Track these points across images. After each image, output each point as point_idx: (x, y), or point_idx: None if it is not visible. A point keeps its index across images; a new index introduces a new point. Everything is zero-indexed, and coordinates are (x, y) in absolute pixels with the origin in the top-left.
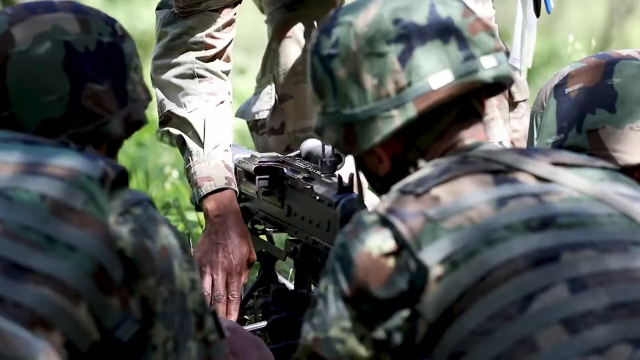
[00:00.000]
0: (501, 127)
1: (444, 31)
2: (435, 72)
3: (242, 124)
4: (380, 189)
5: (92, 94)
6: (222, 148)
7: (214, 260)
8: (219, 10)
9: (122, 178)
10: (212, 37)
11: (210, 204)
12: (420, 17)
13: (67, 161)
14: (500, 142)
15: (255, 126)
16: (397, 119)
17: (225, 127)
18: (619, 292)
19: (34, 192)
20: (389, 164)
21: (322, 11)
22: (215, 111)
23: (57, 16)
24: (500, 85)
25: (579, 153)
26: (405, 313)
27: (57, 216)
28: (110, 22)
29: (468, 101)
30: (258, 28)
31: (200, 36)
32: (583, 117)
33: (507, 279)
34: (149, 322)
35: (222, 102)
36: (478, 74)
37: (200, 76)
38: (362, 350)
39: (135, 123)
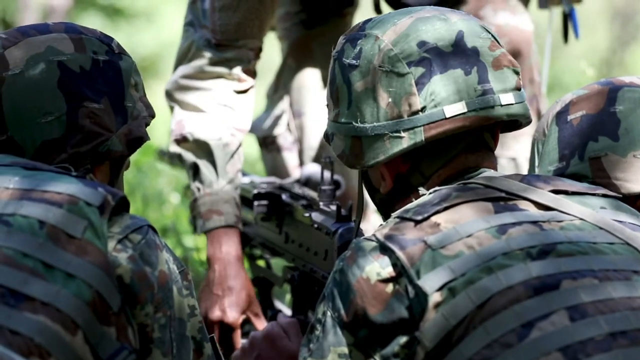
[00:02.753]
0: (526, 144)
1: (467, 62)
2: (450, 102)
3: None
4: (379, 204)
5: (90, 113)
6: (236, 184)
7: (211, 315)
8: (254, 50)
9: (121, 205)
10: (247, 72)
11: (214, 244)
12: (446, 43)
13: (66, 188)
14: (514, 159)
15: (265, 142)
16: (405, 141)
17: (241, 164)
18: (620, 320)
19: (32, 218)
20: (391, 183)
21: (339, 32)
22: (238, 146)
23: (50, 37)
24: (517, 122)
25: (581, 181)
26: (403, 339)
27: (56, 243)
28: (107, 40)
29: (480, 133)
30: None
31: (236, 70)
32: (585, 145)
33: (507, 306)
34: (146, 349)
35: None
36: (494, 110)
37: (231, 107)
38: None
39: (136, 140)
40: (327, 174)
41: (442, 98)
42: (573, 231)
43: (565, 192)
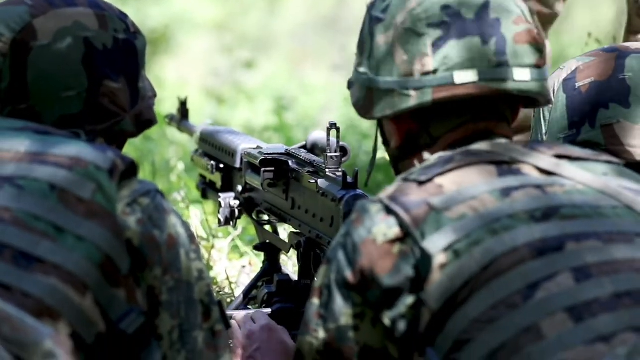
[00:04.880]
0: None
1: (487, 31)
2: (462, 68)
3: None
4: (390, 158)
5: (109, 92)
6: None
7: None
8: None
9: (131, 169)
10: None
11: None
12: (469, 11)
13: (76, 151)
14: None
15: None
16: (413, 100)
17: None
18: (624, 281)
19: (43, 182)
20: (400, 140)
21: None
22: None
23: (76, 11)
24: (536, 100)
25: (594, 148)
26: (409, 300)
27: (66, 206)
28: (123, 17)
29: (494, 105)
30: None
31: None
32: (596, 112)
33: (512, 267)
34: (155, 312)
35: None
36: (505, 83)
37: None
38: (376, 337)
39: (146, 122)
40: (333, 141)
41: (455, 63)
42: (576, 195)
43: (569, 158)
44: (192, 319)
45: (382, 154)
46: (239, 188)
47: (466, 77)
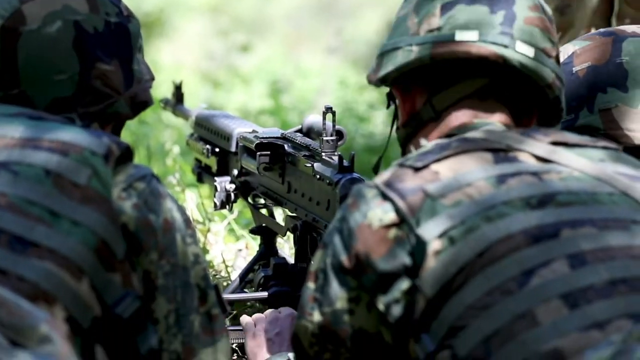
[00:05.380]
0: None
1: (498, 4)
2: (465, 29)
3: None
4: (399, 139)
5: (101, 74)
6: None
7: None
8: None
9: (126, 154)
10: None
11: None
12: None
13: (71, 136)
14: None
15: None
16: (413, 54)
17: None
18: (619, 268)
19: (38, 167)
20: (406, 115)
21: None
22: None
23: None
24: (557, 110)
25: (592, 133)
26: (404, 285)
27: (61, 191)
28: (116, 1)
29: (497, 81)
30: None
31: None
32: (594, 97)
33: (506, 254)
34: (151, 296)
35: None
36: (506, 50)
37: None
38: (371, 321)
39: (141, 103)
40: (329, 124)
41: (459, 24)
42: (572, 182)
43: (565, 144)
44: (189, 303)
45: (380, 136)
46: (235, 172)
47: (467, 35)
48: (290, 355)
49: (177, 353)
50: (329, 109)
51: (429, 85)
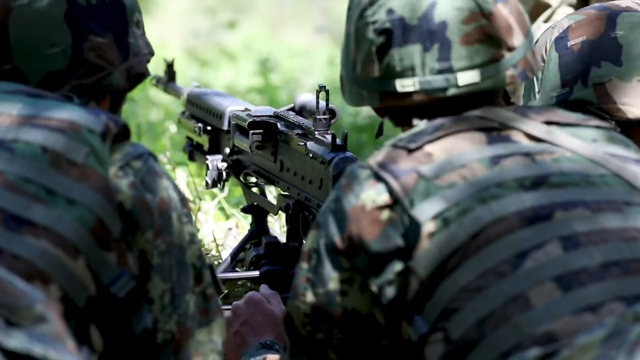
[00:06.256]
0: None
1: (428, 37)
2: (404, 77)
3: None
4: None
5: (95, 47)
6: None
7: None
8: None
9: (123, 132)
10: None
11: None
12: (412, 15)
13: (69, 114)
14: None
15: None
16: (366, 100)
17: None
18: (612, 250)
19: (35, 145)
20: (381, 117)
21: None
22: None
23: None
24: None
25: (586, 106)
26: (397, 267)
27: (58, 169)
28: None
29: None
30: None
31: None
32: (588, 71)
33: (500, 236)
34: (146, 276)
35: None
36: (447, 91)
37: None
38: (364, 302)
39: (137, 76)
40: (322, 103)
41: (396, 72)
42: (565, 163)
43: (558, 124)
44: (184, 283)
45: (366, 114)
46: (227, 150)
47: (406, 85)
48: (270, 356)
49: (172, 333)
50: (322, 88)
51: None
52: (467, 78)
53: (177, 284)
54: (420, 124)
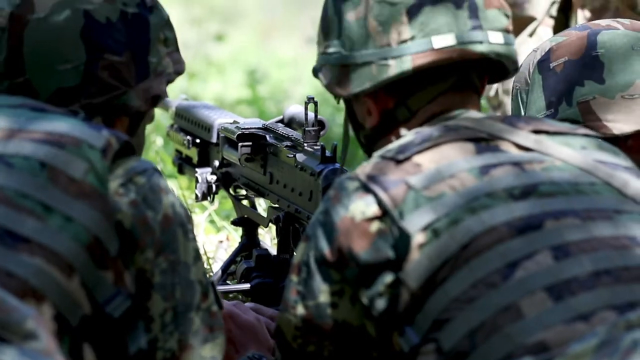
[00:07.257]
0: None
1: None
2: (440, 33)
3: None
4: (363, 141)
5: (109, 65)
6: None
7: None
8: None
9: (126, 148)
10: None
11: None
12: None
13: (69, 129)
14: None
15: None
16: (393, 69)
17: None
18: (603, 259)
19: (34, 159)
20: (378, 118)
21: None
22: None
23: None
24: (505, 72)
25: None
26: (388, 278)
27: (56, 185)
28: None
29: (468, 73)
30: None
31: None
32: (572, 90)
33: (491, 246)
34: (146, 294)
35: None
36: (482, 45)
37: None
38: (355, 314)
39: (155, 97)
40: (311, 115)
41: (432, 29)
42: (554, 172)
43: (547, 132)
44: (189, 300)
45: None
46: (216, 163)
47: (445, 41)
48: None
49: (172, 351)
50: (310, 99)
51: (402, 90)
52: (495, 37)
53: (181, 301)
54: (407, 135)
